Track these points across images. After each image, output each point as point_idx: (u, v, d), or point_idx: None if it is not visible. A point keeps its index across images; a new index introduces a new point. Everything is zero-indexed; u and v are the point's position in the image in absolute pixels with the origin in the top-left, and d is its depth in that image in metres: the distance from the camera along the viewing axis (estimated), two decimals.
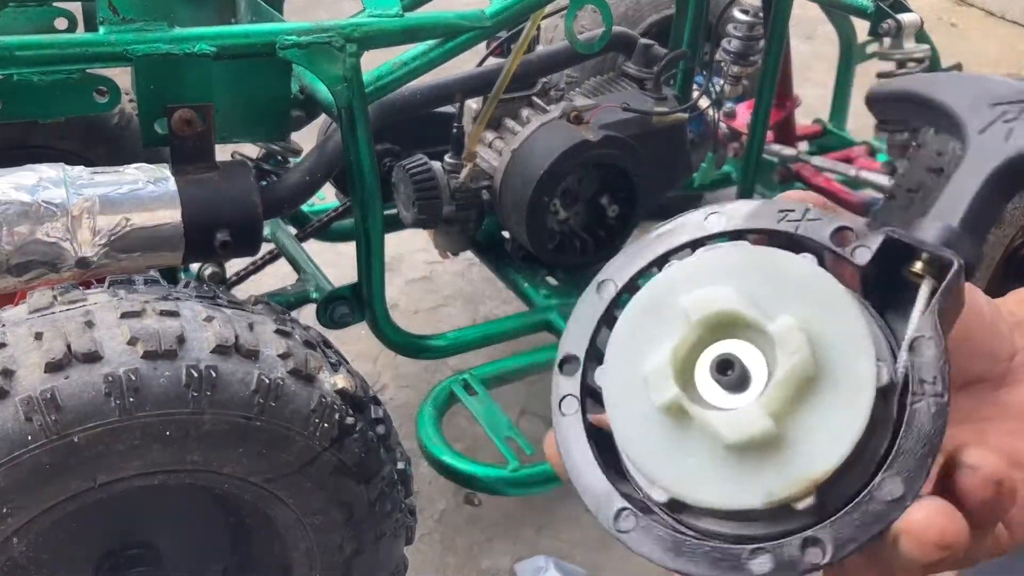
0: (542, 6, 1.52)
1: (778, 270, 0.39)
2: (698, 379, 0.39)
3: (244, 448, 1.11)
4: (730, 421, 0.37)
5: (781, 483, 0.36)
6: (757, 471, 0.37)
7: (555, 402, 0.43)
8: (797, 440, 0.37)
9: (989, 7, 4.55)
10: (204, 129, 1.26)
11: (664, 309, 0.41)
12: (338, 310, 1.56)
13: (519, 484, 1.50)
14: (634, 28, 2.16)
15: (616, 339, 0.42)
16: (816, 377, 0.37)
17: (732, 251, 0.41)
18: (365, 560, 1.27)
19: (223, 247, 1.28)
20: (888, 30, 1.79)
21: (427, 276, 2.51)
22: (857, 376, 0.37)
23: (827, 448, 0.36)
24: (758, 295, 0.39)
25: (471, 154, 1.77)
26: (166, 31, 1.21)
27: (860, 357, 0.37)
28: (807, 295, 0.38)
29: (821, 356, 0.37)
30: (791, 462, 0.36)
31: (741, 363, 0.38)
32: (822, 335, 0.37)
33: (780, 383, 0.37)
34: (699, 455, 0.38)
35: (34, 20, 1.50)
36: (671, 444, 0.39)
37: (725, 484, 0.37)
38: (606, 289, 0.44)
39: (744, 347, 0.39)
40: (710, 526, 0.39)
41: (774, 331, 0.38)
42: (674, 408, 0.38)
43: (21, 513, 1.05)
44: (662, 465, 0.39)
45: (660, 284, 0.42)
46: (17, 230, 1.16)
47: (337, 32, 1.29)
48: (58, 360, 1.03)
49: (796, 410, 0.37)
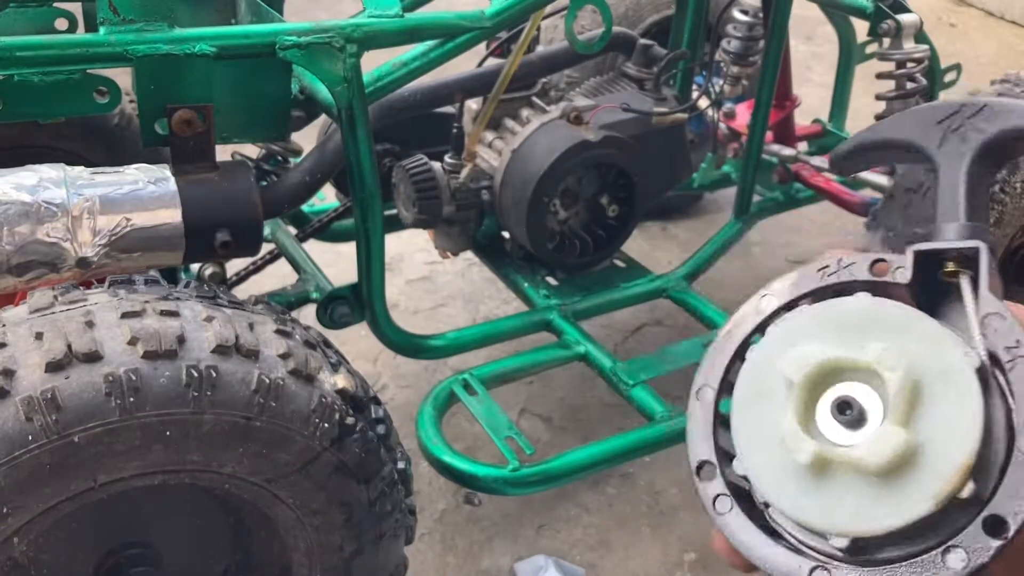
0: (542, 6, 1.52)
1: (843, 313, 0.44)
2: (823, 429, 0.43)
3: (244, 448, 1.11)
4: (869, 450, 0.41)
5: (939, 482, 0.40)
6: (913, 482, 0.40)
7: (708, 506, 0.48)
8: (931, 440, 0.40)
9: (988, 7, 4.55)
10: (204, 129, 1.26)
11: (767, 385, 0.45)
12: (338, 310, 1.56)
13: (519, 484, 1.50)
14: (634, 28, 2.16)
15: (739, 429, 0.46)
16: (921, 382, 0.41)
17: (797, 317, 0.46)
18: (365, 560, 1.27)
19: (223, 247, 1.28)
20: (887, 30, 1.79)
21: (427, 276, 2.51)
22: (955, 367, 0.40)
23: (961, 436, 0.40)
24: (838, 339, 0.43)
25: (471, 154, 1.77)
26: (166, 31, 1.21)
27: (949, 351, 0.41)
28: (878, 323, 0.43)
29: (916, 364, 0.41)
30: (937, 461, 0.40)
31: (856, 399, 0.42)
32: (908, 347, 0.41)
33: (896, 395, 0.41)
34: (855, 492, 0.42)
35: (34, 21, 1.50)
36: (827, 495, 0.42)
37: (890, 506, 0.41)
38: (704, 395, 0.49)
39: (851, 386, 0.43)
40: (891, 554, 0.42)
41: (870, 358, 0.42)
42: (817, 461, 0.42)
43: (21, 513, 1.05)
44: (828, 515, 0.42)
45: (752, 369, 0.47)
46: (18, 230, 1.16)
47: (337, 32, 1.29)
48: (58, 360, 1.03)
49: (918, 415, 0.41)
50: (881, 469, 0.41)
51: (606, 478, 1.93)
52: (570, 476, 1.55)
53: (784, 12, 1.83)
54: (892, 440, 0.40)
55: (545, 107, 1.77)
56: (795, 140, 2.31)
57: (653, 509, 1.89)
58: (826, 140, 2.41)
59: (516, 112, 1.78)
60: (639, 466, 1.96)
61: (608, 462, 1.60)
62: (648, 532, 1.84)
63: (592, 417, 2.07)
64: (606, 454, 1.57)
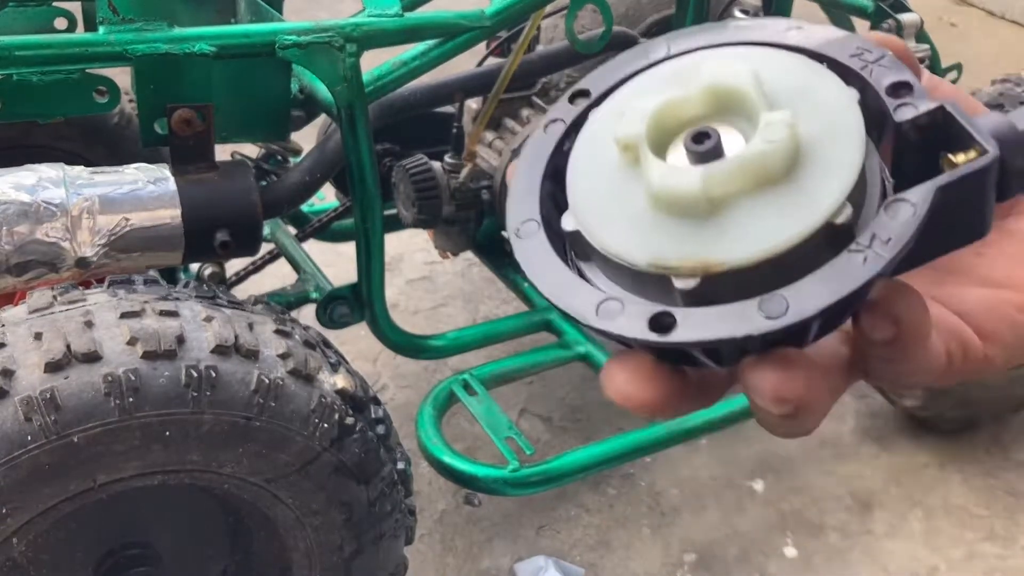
0: (542, 6, 1.52)
1: (813, 86, 0.36)
2: (673, 145, 0.36)
3: (244, 448, 1.11)
4: (665, 173, 0.34)
5: (675, 253, 0.34)
6: (665, 232, 0.34)
7: (542, 122, 0.41)
8: (719, 225, 0.34)
9: (989, 7, 4.55)
10: (204, 129, 1.25)
11: (687, 78, 0.38)
12: (338, 310, 1.56)
13: (519, 484, 1.50)
14: (635, 28, 2.16)
15: (627, 88, 0.40)
16: (778, 180, 0.34)
17: (787, 58, 0.38)
18: (365, 560, 1.26)
19: (223, 247, 1.28)
20: (888, 30, 1.79)
21: (427, 276, 2.51)
22: (818, 199, 0.33)
23: (740, 246, 0.33)
24: (778, 93, 0.36)
25: (471, 154, 1.76)
26: (166, 31, 1.21)
27: (833, 183, 0.34)
28: (824, 115, 0.35)
29: (797, 164, 0.34)
30: (699, 241, 0.34)
31: (719, 139, 0.35)
32: (812, 148, 0.34)
33: (737, 161, 0.34)
34: (626, 200, 0.36)
35: (33, 20, 1.50)
36: (609, 181, 0.36)
37: (629, 233, 0.35)
38: (657, 49, 0.41)
39: (731, 132, 0.36)
40: (596, 272, 0.37)
41: (764, 119, 0.35)
42: (630, 148, 0.36)
43: (20, 513, 1.05)
44: (587, 199, 0.37)
45: (699, 56, 0.39)
46: (16, 230, 1.15)
47: (337, 32, 1.29)
48: (57, 360, 1.03)
49: (739, 195, 0.34)
50: (656, 197, 0.34)
51: (607, 479, 1.93)
52: (570, 476, 1.55)
53: (785, 11, 1.83)
54: (685, 184, 0.34)
55: (545, 107, 1.77)
56: None
57: (654, 510, 1.89)
58: None
59: (516, 112, 1.78)
60: (640, 467, 1.96)
61: (608, 462, 1.60)
62: (648, 533, 1.83)
63: (592, 417, 2.07)
64: (606, 454, 1.57)
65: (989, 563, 1.82)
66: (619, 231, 0.35)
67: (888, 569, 1.80)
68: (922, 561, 1.82)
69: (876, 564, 1.80)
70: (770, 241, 0.33)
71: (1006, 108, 1.85)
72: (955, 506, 1.93)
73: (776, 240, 0.33)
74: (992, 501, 1.94)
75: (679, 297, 0.34)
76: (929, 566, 1.81)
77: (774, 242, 0.33)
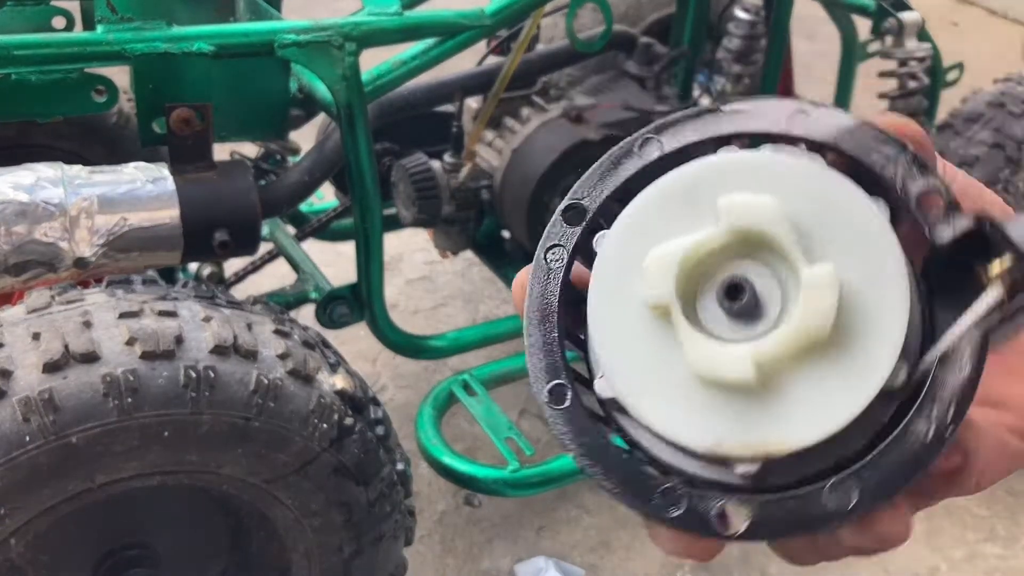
0: (542, 4, 1.51)
1: (843, 209, 0.33)
2: (703, 292, 0.34)
3: (243, 449, 1.11)
4: (709, 354, 0.32)
5: (734, 439, 0.32)
6: (717, 412, 0.33)
7: (541, 249, 0.37)
8: (773, 400, 0.32)
9: (991, 6, 4.55)
10: (202, 128, 1.25)
11: (700, 200, 0.34)
12: (337, 310, 1.55)
13: (519, 485, 1.50)
14: (635, 27, 2.15)
15: (635, 209, 0.36)
16: (827, 344, 0.32)
17: (802, 165, 0.34)
18: (364, 561, 1.26)
19: (221, 247, 1.27)
20: (890, 29, 1.79)
21: (427, 276, 2.50)
22: (870, 365, 0.32)
23: (799, 427, 0.32)
24: (808, 227, 0.33)
25: (471, 153, 1.76)
26: (164, 30, 1.21)
27: (884, 346, 0.32)
28: (861, 252, 0.33)
29: (844, 324, 0.32)
30: (755, 421, 0.32)
31: (753, 292, 0.33)
32: (856, 303, 0.32)
33: (784, 339, 0.32)
34: (666, 368, 0.33)
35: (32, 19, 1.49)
36: (643, 344, 0.34)
37: (675, 409, 0.33)
38: (649, 148, 0.37)
39: (765, 275, 0.34)
40: (643, 440, 0.35)
41: (806, 277, 0.32)
42: (661, 310, 0.34)
43: (19, 514, 1.05)
44: (622, 359, 0.34)
45: (708, 169, 0.35)
46: (15, 230, 1.15)
47: (336, 31, 1.28)
48: (56, 360, 1.02)
49: (788, 368, 0.32)
50: (702, 379, 0.32)
51: None
52: (570, 477, 1.55)
53: (786, 10, 1.83)
54: (735, 371, 0.31)
55: (545, 106, 1.76)
56: None
57: None
58: None
59: (516, 111, 1.77)
60: None
61: None
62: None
63: None
64: None
65: (990, 563, 1.82)
66: (665, 406, 0.33)
67: (889, 569, 1.79)
68: (923, 561, 1.81)
69: (877, 564, 1.80)
70: (829, 419, 0.32)
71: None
72: (956, 506, 1.92)
73: (835, 418, 0.32)
74: (993, 502, 1.94)
75: (738, 477, 0.33)
76: (930, 566, 1.81)
77: (834, 420, 0.32)
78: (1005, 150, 1.80)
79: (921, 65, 1.84)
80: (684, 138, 0.37)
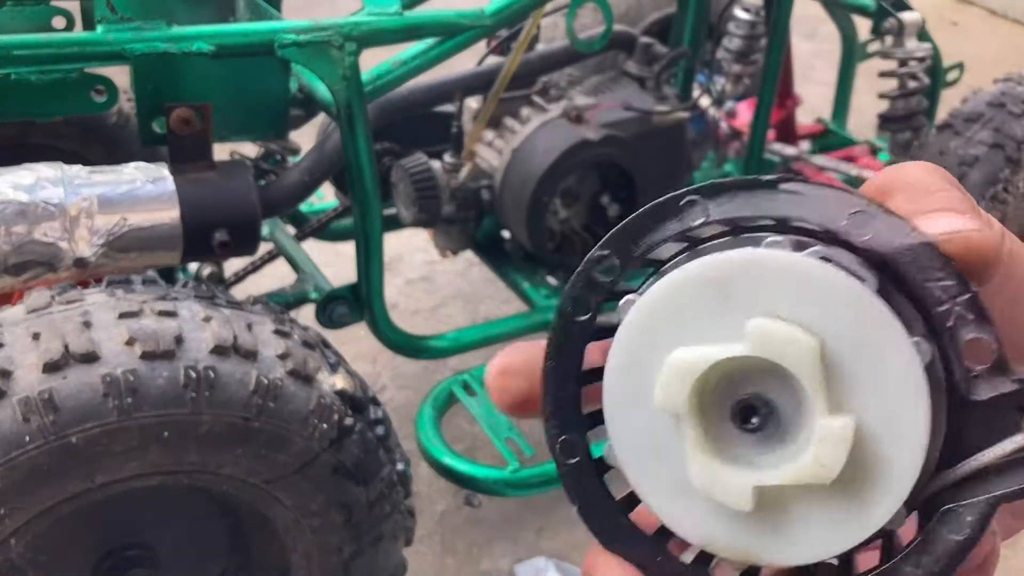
0: (542, 4, 1.51)
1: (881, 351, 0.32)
2: (719, 400, 0.33)
3: (242, 449, 1.11)
4: (712, 475, 0.33)
5: (724, 541, 0.33)
6: (712, 514, 0.33)
7: (568, 300, 0.35)
8: (769, 518, 0.33)
9: (991, 6, 4.55)
10: (202, 128, 1.25)
11: (736, 297, 0.33)
12: (337, 310, 1.55)
13: (519, 485, 1.50)
14: (635, 27, 2.15)
15: (666, 289, 0.33)
16: (832, 482, 0.32)
17: (851, 289, 0.32)
18: (364, 561, 1.26)
19: (221, 247, 1.27)
20: (890, 29, 1.79)
21: (427, 276, 2.50)
22: (870, 511, 0.32)
23: (789, 549, 0.33)
24: (839, 363, 0.32)
25: (471, 153, 1.76)
26: (164, 30, 1.21)
27: (888, 496, 0.32)
28: (886, 401, 0.32)
29: (854, 466, 0.31)
30: (747, 531, 0.33)
31: (768, 415, 0.32)
32: (869, 449, 0.32)
33: (788, 476, 0.32)
34: (669, 463, 0.34)
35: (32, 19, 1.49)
36: (652, 431, 0.34)
37: (673, 501, 0.34)
38: (694, 212, 0.34)
39: (785, 395, 0.33)
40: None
41: (821, 428, 0.31)
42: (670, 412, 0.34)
43: (19, 514, 1.05)
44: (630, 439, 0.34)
45: (751, 264, 0.33)
46: (15, 230, 1.15)
47: (336, 31, 1.28)
48: (56, 360, 1.02)
49: (789, 496, 0.33)
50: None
51: None
52: None
53: (786, 10, 1.83)
54: (734, 499, 0.32)
55: (545, 106, 1.76)
56: (797, 139, 2.30)
57: None
58: (828, 139, 2.41)
59: (516, 111, 1.77)
60: None
61: None
62: None
63: None
64: None
65: None
66: (664, 494, 0.34)
67: None
68: None
69: None
70: (820, 548, 0.32)
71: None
72: None
73: (826, 548, 0.32)
74: None
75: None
76: None
77: (824, 550, 0.32)
78: (1005, 150, 1.80)
79: (921, 65, 1.84)
80: (733, 210, 0.34)
